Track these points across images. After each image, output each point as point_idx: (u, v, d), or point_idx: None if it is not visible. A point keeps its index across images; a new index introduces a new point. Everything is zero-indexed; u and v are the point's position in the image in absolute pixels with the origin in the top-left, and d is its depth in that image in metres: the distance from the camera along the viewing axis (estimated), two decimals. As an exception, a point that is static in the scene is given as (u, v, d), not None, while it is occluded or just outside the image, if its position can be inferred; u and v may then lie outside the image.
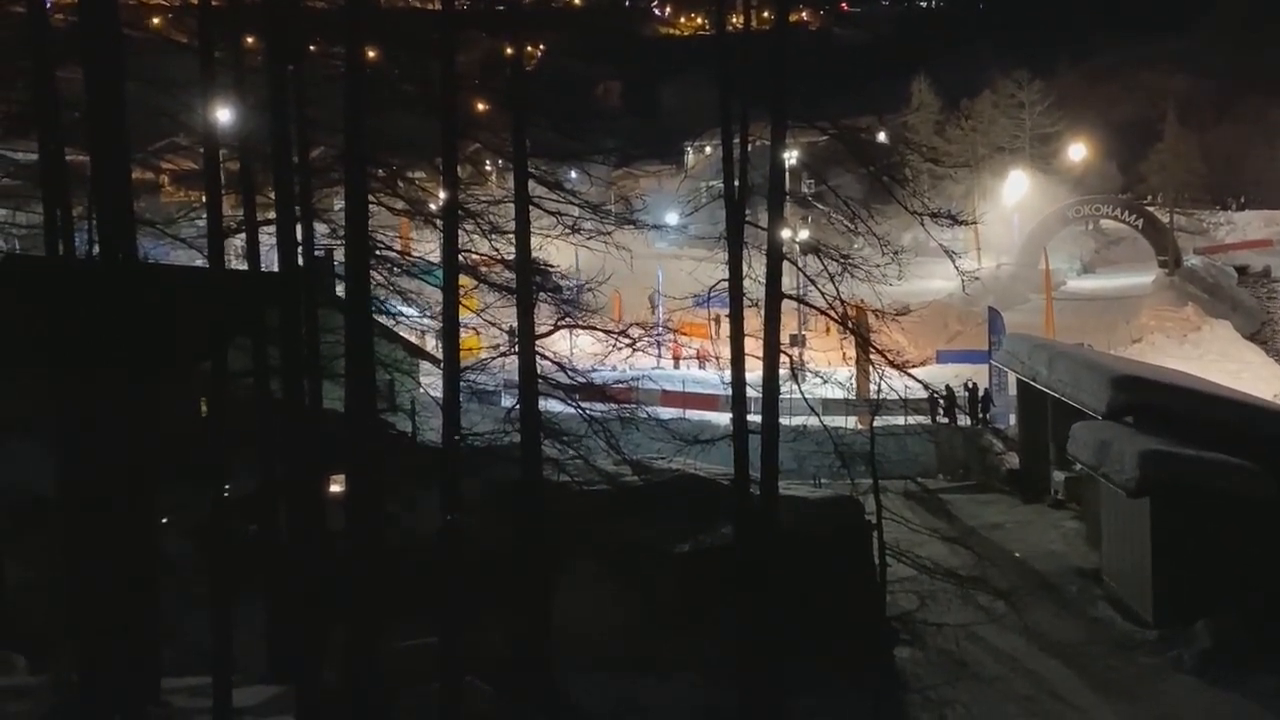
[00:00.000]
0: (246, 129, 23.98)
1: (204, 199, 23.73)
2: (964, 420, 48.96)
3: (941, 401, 46.47)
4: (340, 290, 22.89)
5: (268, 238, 23.83)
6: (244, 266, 25.14)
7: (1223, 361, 60.48)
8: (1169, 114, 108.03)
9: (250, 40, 25.25)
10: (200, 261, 25.37)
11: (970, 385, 50.28)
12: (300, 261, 22.73)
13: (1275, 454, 30.64)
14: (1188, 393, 35.49)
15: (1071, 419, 34.84)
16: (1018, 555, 35.44)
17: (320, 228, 24.28)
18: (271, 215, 23.12)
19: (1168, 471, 29.44)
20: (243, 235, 24.55)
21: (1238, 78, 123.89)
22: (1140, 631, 29.70)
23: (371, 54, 24.43)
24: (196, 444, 21.77)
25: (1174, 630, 28.82)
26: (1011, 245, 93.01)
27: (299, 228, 22.50)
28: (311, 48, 24.38)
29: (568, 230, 24.20)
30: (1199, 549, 29.18)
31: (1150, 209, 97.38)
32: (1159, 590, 29.55)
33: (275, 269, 23.05)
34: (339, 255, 23.31)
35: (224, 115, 24.22)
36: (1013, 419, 47.25)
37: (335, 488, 23.12)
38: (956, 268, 27.65)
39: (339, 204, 23.48)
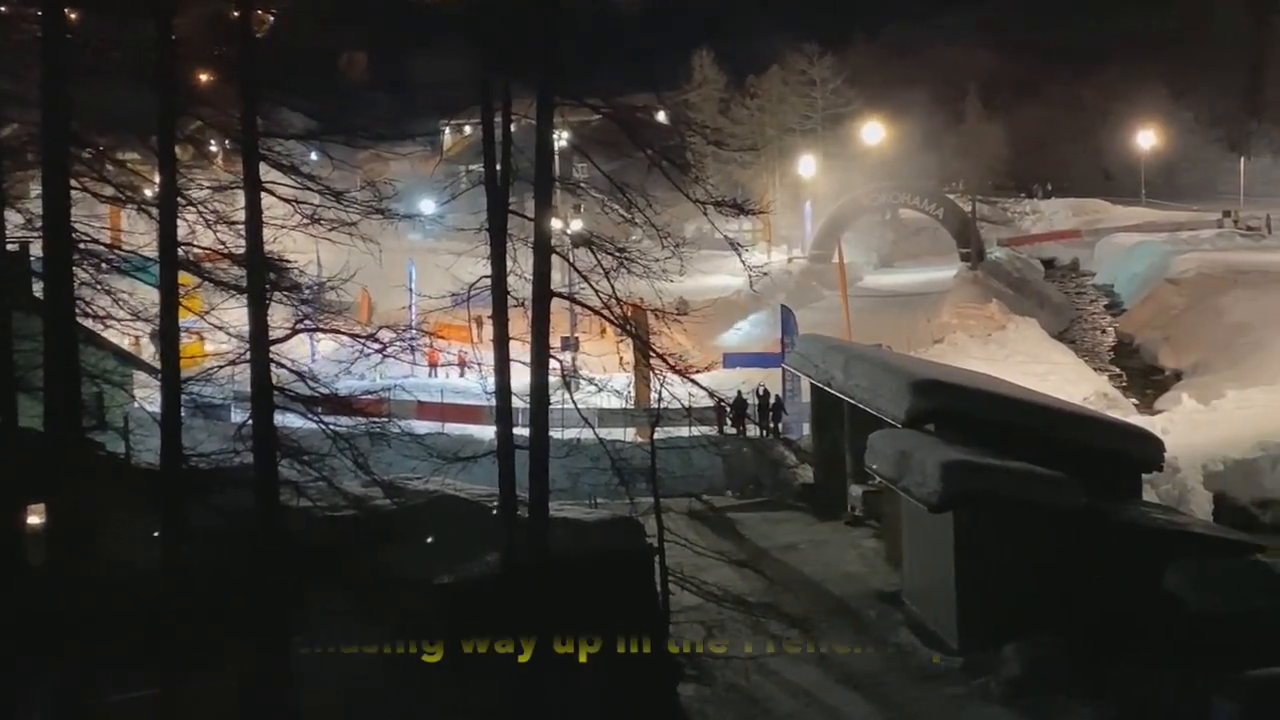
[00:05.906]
0: (-78, 102, 23.19)
1: None
2: (754, 431, 49.69)
3: (729, 410, 47.10)
4: (38, 290, 22.31)
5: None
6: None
7: (1030, 363, 62.52)
8: (970, 93, 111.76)
9: (-73, -3, 24.42)
10: None
11: (762, 391, 51.03)
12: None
13: (1085, 462, 31.81)
14: (993, 397, 36.59)
15: (870, 428, 35.52)
16: (812, 578, 36.10)
17: (13, 217, 23.57)
18: (-46, 203, 22.41)
19: (972, 483, 30.19)
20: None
21: (1045, 54, 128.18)
22: (944, 659, 30.47)
23: (74, 15, 23.83)
24: None
25: (981, 656, 29.59)
26: (804, 237, 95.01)
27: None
28: (2, 8, 23.71)
29: (306, 220, 23.92)
30: (1007, 567, 30.02)
31: (951, 197, 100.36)
32: (964, 613, 30.35)
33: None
34: (36, 249, 22.75)
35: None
36: (807, 428, 48.11)
37: (34, 519, 22.53)
38: (743, 262, 28.14)
39: (36, 190, 22.88)
